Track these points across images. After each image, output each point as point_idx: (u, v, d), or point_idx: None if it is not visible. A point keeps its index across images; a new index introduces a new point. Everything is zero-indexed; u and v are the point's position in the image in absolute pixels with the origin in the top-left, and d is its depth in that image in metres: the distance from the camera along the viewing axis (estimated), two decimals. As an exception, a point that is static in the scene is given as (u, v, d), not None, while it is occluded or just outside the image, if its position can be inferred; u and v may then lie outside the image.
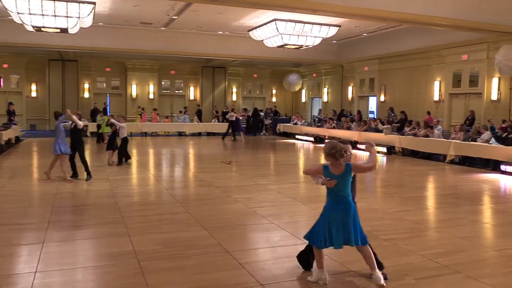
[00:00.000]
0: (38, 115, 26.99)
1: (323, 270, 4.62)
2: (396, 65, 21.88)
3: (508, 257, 5.58)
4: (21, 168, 12.52)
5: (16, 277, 4.71)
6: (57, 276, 4.75)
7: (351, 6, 12.77)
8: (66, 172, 10.40)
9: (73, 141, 10.63)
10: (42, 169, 11.14)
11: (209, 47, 22.96)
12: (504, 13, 14.47)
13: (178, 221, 7.04)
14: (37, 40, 19.71)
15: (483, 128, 14.90)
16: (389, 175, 13.32)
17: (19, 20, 15.41)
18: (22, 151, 16.96)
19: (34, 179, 10.99)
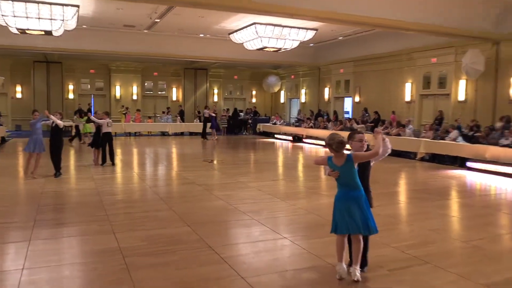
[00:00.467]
0: (23, 116, 26.33)
1: (340, 263, 4.58)
2: (370, 68, 22.11)
3: (473, 248, 5.72)
4: (7, 168, 12.29)
5: (4, 274, 4.64)
6: (44, 273, 4.70)
7: (327, 11, 12.87)
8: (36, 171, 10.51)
9: (53, 140, 10.62)
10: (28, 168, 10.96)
11: (191, 49, 22.85)
12: (470, 19, 14.78)
13: (162, 218, 7.02)
14: (22, 42, 19.35)
15: (451, 127, 15.19)
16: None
17: (3, 22, 15.07)
18: (7, 151, 16.65)
19: (19, 178, 10.80)
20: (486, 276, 4.70)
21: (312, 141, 21.06)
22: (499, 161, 12.23)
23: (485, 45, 16.07)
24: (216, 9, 13.49)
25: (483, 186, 10.81)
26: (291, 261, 5.19)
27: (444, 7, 14.23)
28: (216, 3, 11.78)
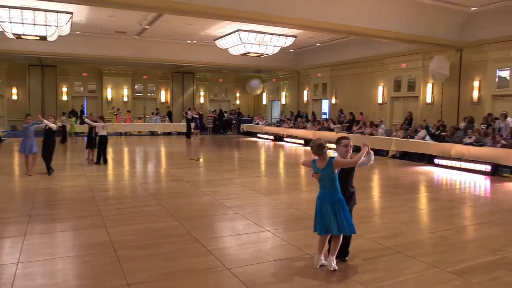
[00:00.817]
0: (19, 117, 25.82)
1: (319, 254, 4.62)
2: (346, 72, 22.24)
3: (440, 238, 5.79)
4: (2, 166, 12.02)
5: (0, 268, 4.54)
6: (39, 266, 4.60)
7: (306, 19, 12.90)
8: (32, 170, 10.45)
9: (47, 141, 10.57)
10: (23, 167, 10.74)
11: (178, 54, 22.69)
12: (436, 28, 14.98)
13: (151, 213, 6.94)
14: (18, 47, 18.92)
15: (419, 127, 15.36)
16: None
17: (0, 28, 14.76)
18: (3, 151, 16.27)
19: (15, 176, 10.58)
20: (452, 264, 4.75)
21: (292, 140, 21.10)
22: (463, 158, 12.43)
23: (450, 51, 16.31)
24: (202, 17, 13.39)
25: (449, 181, 10.96)
26: (273, 252, 5.17)
27: (413, 17, 14.40)
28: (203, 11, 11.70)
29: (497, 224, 6.61)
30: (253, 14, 12.20)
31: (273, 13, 12.37)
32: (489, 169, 11.61)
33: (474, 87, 15.78)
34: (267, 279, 4.30)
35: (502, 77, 14.97)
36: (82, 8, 14.74)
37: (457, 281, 4.31)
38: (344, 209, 4.56)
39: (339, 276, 4.39)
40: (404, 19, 14.32)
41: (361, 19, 13.67)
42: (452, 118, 16.36)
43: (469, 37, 15.53)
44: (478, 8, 14.37)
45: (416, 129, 15.29)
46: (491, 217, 7.06)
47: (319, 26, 13.56)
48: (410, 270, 4.59)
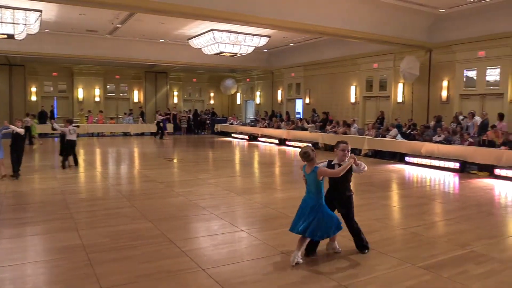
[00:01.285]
0: (-16, 118, 25.10)
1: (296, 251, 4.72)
2: (319, 72, 22.47)
3: (411, 234, 5.92)
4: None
5: (-35, 275, 4.37)
6: (9, 272, 4.46)
7: (279, 19, 12.98)
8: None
9: (15, 145, 10.24)
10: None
11: (151, 53, 22.44)
12: (406, 29, 15.32)
13: (124, 215, 6.83)
14: (-16, 46, 18.35)
15: (391, 126, 15.66)
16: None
17: (-35, 26, 14.26)
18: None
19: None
20: (423, 259, 4.87)
21: (267, 140, 21.17)
22: (433, 156, 12.75)
23: (419, 52, 16.71)
24: (176, 16, 13.28)
25: (420, 179, 11.22)
26: (248, 252, 5.18)
27: (384, 18, 14.68)
28: (176, 10, 11.60)
29: (465, 219, 6.81)
30: (227, 13, 12.19)
31: (246, 13, 12.39)
32: (458, 166, 11.95)
33: (443, 86, 16.22)
34: (242, 279, 4.31)
35: (469, 77, 15.43)
36: (51, 6, 14.37)
37: (428, 276, 4.42)
38: (320, 215, 4.72)
39: (313, 274, 4.44)
40: (376, 20, 14.59)
41: (334, 19, 13.85)
42: (422, 117, 16.76)
43: (438, 38, 15.95)
44: (447, 10, 14.77)
45: (388, 128, 15.59)
46: (459, 213, 7.26)
47: (292, 26, 13.66)
48: (383, 266, 4.68)
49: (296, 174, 12.06)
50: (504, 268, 4.70)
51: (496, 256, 5.06)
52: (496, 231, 6.25)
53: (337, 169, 4.82)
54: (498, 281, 4.35)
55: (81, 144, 19.05)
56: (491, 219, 6.97)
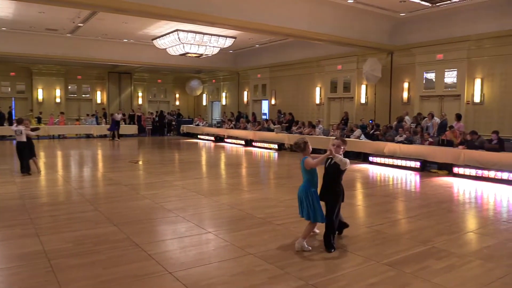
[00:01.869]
0: None
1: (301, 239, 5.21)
2: (285, 73, 22.66)
3: (375, 232, 6.06)
4: None
5: None
6: (-38, 281, 4.25)
7: (244, 21, 13.01)
8: None
9: None
10: None
11: (115, 53, 21.99)
12: (368, 32, 15.70)
13: (87, 219, 6.64)
14: None
15: (355, 126, 15.97)
16: (280, 168, 13.78)
17: None
18: None
19: None
20: (387, 256, 5.00)
21: (233, 141, 21.15)
22: (395, 156, 13.11)
23: (381, 54, 17.16)
24: (139, 15, 13.06)
25: (383, 178, 11.50)
26: (216, 254, 5.15)
27: (347, 21, 14.98)
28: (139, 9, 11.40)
29: (426, 216, 7.03)
30: (192, 14, 12.10)
31: (211, 14, 12.35)
32: (419, 166, 12.35)
33: (404, 88, 16.72)
34: (210, 281, 4.28)
35: (428, 79, 15.98)
36: (8, 3, 13.86)
37: (392, 272, 4.54)
38: (310, 200, 5.20)
39: (280, 274, 4.46)
40: (339, 23, 14.87)
41: (299, 21, 14.01)
42: (385, 117, 17.20)
43: (399, 41, 16.44)
44: (407, 14, 15.24)
45: (352, 129, 15.89)
46: (421, 210, 7.50)
47: (257, 28, 13.72)
48: (348, 264, 4.77)
49: (263, 175, 12.12)
50: (463, 262, 4.89)
51: (455, 251, 5.25)
52: (455, 227, 6.48)
53: (314, 160, 5.24)
54: (458, 275, 4.52)
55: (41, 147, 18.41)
56: (451, 215, 7.24)
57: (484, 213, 7.57)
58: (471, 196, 9.20)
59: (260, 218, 6.70)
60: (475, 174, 10.92)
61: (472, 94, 14.55)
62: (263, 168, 13.63)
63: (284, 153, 17.11)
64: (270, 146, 18.51)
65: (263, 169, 13.49)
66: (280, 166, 14.23)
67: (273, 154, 16.81)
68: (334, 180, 5.38)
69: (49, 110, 25.47)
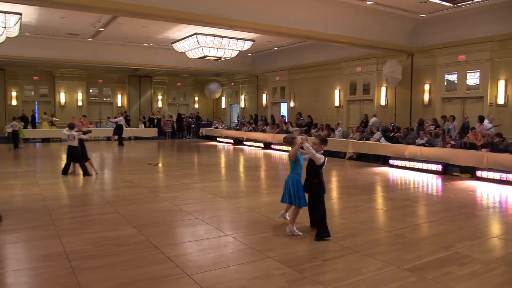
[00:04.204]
0: (-37, 123, 24.62)
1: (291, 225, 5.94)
2: (303, 76, 22.59)
3: (396, 236, 5.96)
4: None
5: None
6: (-14, 281, 4.35)
7: (262, 23, 13.01)
8: None
9: None
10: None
11: (135, 57, 22.27)
12: (389, 33, 15.52)
13: (107, 221, 6.73)
14: (-39, 49, 17.96)
15: (375, 128, 15.78)
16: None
17: None
18: None
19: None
20: (408, 262, 4.90)
21: (252, 144, 21.15)
22: (416, 159, 12.90)
23: (401, 56, 16.93)
24: (158, 19, 13.20)
25: (403, 181, 11.32)
26: (234, 257, 5.14)
27: (366, 23, 14.84)
28: (159, 14, 11.53)
29: (448, 221, 6.89)
30: (210, 17, 12.17)
31: (230, 17, 12.40)
32: (440, 169, 12.12)
33: (425, 90, 16.46)
34: (228, 284, 4.27)
35: (450, 80, 15.69)
36: (31, 9, 14.18)
37: (413, 278, 4.45)
38: (295, 188, 5.89)
39: (298, 278, 4.42)
40: (358, 25, 14.74)
41: (317, 24, 13.95)
42: (405, 120, 16.96)
43: (419, 43, 16.20)
44: (427, 15, 15.01)
45: (372, 131, 15.71)
46: (443, 215, 7.35)
47: (276, 31, 13.70)
48: (368, 269, 4.69)
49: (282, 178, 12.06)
50: (487, 269, 4.76)
51: (479, 257, 5.12)
52: (479, 232, 6.33)
53: (291, 150, 6.05)
54: (482, 282, 4.40)
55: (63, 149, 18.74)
56: (474, 220, 7.07)
57: (509, 218, 7.37)
58: (495, 200, 8.97)
59: (279, 222, 6.66)
60: (499, 177, 10.65)
61: (495, 96, 14.22)
62: (282, 171, 13.58)
63: (303, 156, 16.99)
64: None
65: (282, 172, 13.44)
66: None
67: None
68: (310, 173, 6.04)
69: (71, 114, 25.93)
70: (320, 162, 5.88)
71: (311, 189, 6.04)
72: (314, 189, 6.01)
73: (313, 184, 5.98)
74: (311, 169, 6.02)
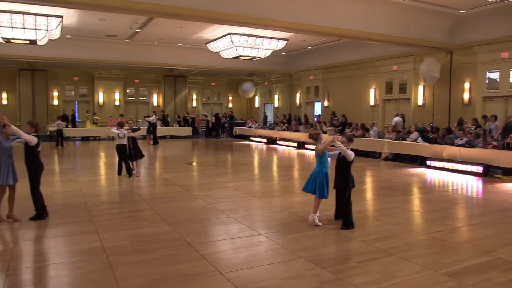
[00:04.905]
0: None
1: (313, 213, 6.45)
2: (337, 75, 22.32)
3: (433, 239, 5.79)
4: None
5: (-12, 276, 4.46)
6: (30, 273, 4.54)
7: (297, 22, 12.92)
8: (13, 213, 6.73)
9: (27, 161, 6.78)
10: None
11: (170, 58, 22.64)
12: (427, 30, 15.08)
13: (143, 218, 6.88)
14: (7, 51, 18.78)
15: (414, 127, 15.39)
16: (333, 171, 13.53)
17: (-11, 32, 14.66)
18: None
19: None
20: (446, 266, 4.76)
21: (285, 143, 21.09)
22: (455, 160, 12.50)
23: (440, 54, 16.43)
24: (193, 20, 13.36)
25: (441, 183, 11.00)
26: (267, 256, 5.15)
27: (403, 20, 14.49)
28: (194, 14, 11.66)
29: (489, 224, 6.63)
30: (244, 17, 12.20)
31: (264, 16, 12.38)
32: (481, 170, 11.68)
33: (465, 88, 15.90)
34: (261, 283, 4.27)
35: (492, 78, 15.09)
36: (72, 12, 14.66)
37: (451, 283, 4.31)
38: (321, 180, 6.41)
39: (332, 279, 4.37)
40: (395, 22, 14.41)
41: (353, 22, 13.72)
42: (444, 119, 16.46)
43: (459, 40, 15.66)
44: (468, 11, 14.49)
45: (409, 131, 15.35)
46: (483, 218, 7.08)
47: (310, 29, 13.58)
48: (404, 272, 4.58)
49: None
50: (531, 275, 4.55)
51: (522, 263, 4.91)
52: (522, 237, 6.07)
53: (320, 145, 6.56)
54: (525, 289, 4.22)
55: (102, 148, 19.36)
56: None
57: (555, 222, 7.03)
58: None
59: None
60: (545, 180, 10.19)
61: (541, 95, 13.59)
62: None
63: (337, 155, 16.79)
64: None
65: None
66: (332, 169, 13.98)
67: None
68: (343, 169, 6.50)
69: (109, 113, 26.73)
70: (351, 159, 6.35)
71: (342, 183, 6.49)
72: (344, 184, 6.46)
73: (344, 179, 6.46)
74: (342, 165, 6.52)
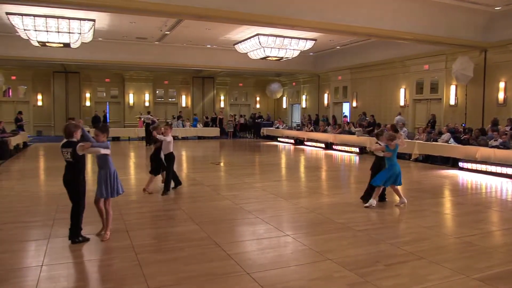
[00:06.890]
0: (44, 122, 26.72)
1: (373, 199, 7.72)
2: (366, 75, 22.03)
3: (465, 243, 5.64)
4: (28, 171, 12.30)
5: (24, 271, 4.63)
6: (63, 269, 4.67)
7: (325, 22, 12.84)
8: None
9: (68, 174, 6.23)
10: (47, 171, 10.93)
11: (198, 59, 22.89)
12: (459, 29, 14.70)
13: (171, 217, 6.99)
14: (42, 54, 19.43)
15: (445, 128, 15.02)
16: (361, 172, 13.37)
17: (25, 36, 15.20)
18: (29, 155, 16.67)
19: (40, 181, 10.81)
20: (478, 271, 4.62)
21: (313, 144, 20.97)
22: (489, 161, 12.12)
23: (473, 52, 15.98)
24: (222, 21, 13.48)
25: (474, 185, 10.70)
26: (294, 257, 5.13)
27: (435, 18, 14.17)
28: (222, 16, 11.76)
29: (525, 229, 6.41)
30: (272, 18, 12.21)
31: (291, 16, 12.36)
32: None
33: (500, 88, 15.41)
34: (287, 284, 4.27)
35: (529, 77, 14.57)
36: (104, 15, 15.04)
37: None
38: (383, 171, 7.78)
39: (359, 282, 4.32)
40: (426, 20, 14.10)
41: (382, 20, 13.52)
42: (477, 120, 16.00)
43: (494, 37, 15.18)
44: (503, 7, 14.05)
45: (440, 131, 14.99)
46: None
47: (338, 29, 13.46)
48: (435, 276, 4.48)
49: (343, 179, 11.86)
50: None
51: (560, 269, 4.72)
52: (560, 242, 5.83)
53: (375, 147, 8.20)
54: None
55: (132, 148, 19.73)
56: (555, 229, 6.52)
57: None
58: None
59: (340, 223, 6.55)
60: None
61: None
62: (344, 172, 13.35)
63: (366, 157, 16.59)
64: (351, 150, 18.09)
65: (343, 173, 13.21)
66: (361, 170, 13.83)
67: (354, 158, 16.40)
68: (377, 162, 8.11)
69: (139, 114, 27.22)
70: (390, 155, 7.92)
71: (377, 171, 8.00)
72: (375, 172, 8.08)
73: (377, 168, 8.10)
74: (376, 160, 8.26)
